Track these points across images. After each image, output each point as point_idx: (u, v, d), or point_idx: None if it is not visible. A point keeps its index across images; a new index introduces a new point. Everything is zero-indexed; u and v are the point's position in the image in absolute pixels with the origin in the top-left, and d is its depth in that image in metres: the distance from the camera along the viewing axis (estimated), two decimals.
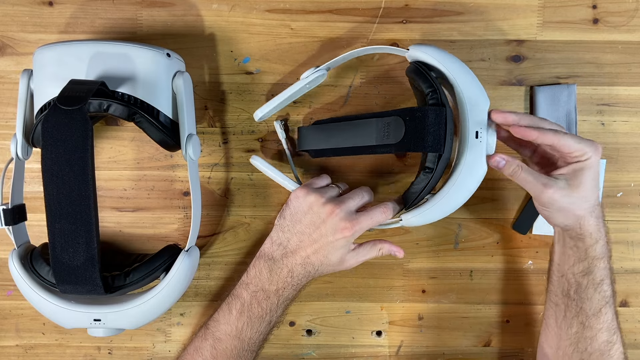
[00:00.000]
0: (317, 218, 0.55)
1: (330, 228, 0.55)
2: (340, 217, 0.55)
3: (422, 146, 0.54)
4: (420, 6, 0.63)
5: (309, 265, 0.56)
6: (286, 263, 0.56)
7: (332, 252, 0.55)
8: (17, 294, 0.65)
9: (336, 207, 0.55)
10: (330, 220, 0.55)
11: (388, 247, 0.59)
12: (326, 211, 0.55)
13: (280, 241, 0.57)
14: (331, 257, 0.56)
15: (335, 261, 0.56)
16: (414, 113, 0.54)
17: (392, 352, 0.68)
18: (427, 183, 0.55)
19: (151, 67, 0.55)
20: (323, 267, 0.56)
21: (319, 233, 0.55)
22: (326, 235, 0.55)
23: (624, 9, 0.63)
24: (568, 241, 0.56)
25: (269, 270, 0.56)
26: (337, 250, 0.56)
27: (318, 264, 0.56)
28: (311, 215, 0.55)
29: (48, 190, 0.50)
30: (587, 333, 0.55)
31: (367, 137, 0.57)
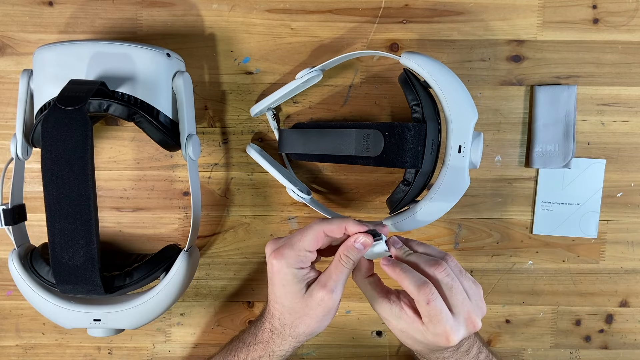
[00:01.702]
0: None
1: (268, 265, 0.50)
2: (269, 246, 0.50)
3: (401, 163, 0.54)
4: (420, 6, 0.63)
5: (275, 320, 0.52)
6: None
7: (279, 290, 0.49)
8: (17, 294, 0.66)
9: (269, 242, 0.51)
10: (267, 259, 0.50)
11: (344, 248, 0.49)
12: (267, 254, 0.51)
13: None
14: (284, 300, 0.49)
15: (290, 302, 0.49)
16: (394, 129, 0.54)
17: (392, 352, 0.68)
18: (405, 195, 0.55)
19: (151, 67, 0.55)
20: (287, 316, 0.51)
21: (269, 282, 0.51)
22: (269, 278, 0.50)
23: (624, 9, 0.63)
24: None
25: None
26: (283, 287, 0.49)
27: (278, 314, 0.51)
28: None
29: (48, 190, 0.50)
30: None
31: (347, 147, 0.57)
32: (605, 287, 0.67)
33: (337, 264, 0.49)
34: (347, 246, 0.49)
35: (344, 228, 0.49)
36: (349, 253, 0.49)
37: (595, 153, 0.65)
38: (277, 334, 0.52)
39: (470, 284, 0.49)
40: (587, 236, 0.66)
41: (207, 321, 0.68)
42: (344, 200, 0.66)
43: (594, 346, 0.68)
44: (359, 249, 0.48)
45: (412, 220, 0.57)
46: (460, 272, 0.49)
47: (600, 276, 0.67)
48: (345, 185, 0.66)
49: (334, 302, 0.49)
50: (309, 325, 0.50)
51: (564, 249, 0.67)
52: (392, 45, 0.63)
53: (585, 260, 0.67)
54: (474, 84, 0.64)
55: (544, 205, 0.66)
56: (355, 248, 0.48)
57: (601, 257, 0.67)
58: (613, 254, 0.67)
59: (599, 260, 0.67)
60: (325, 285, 0.48)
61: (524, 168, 0.66)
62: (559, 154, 0.64)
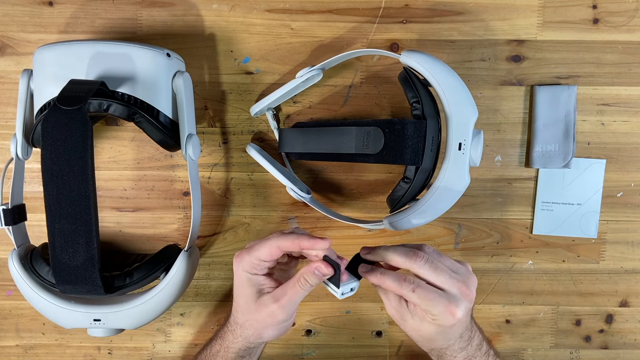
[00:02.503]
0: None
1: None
2: (234, 256, 0.53)
3: (401, 159, 0.54)
4: (420, 6, 0.63)
5: (231, 317, 0.55)
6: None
7: (235, 289, 0.53)
8: (17, 294, 0.66)
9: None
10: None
11: (305, 271, 0.49)
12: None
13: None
14: (239, 299, 0.53)
15: (243, 302, 0.52)
16: (394, 125, 0.54)
17: (392, 352, 0.68)
18: (405, 192, 0.55)
19: (151, 67, 0.55)
20: (240, 315, 0.53)
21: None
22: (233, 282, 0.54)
23: (624, 9, 0.63)
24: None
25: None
26: (238, 288, 0.52)
27: (234, 312, 0.54)
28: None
29: (48, 190, 0.50)
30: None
31: (347, 145, 0.57)
32: (605, 287, 0.67)
33: (295, 284, 0.50)
34: (308, 270, 0.49)
35: (298, 244, 0.49)
36: (308, 277, 0.49)
37: (595, 153, 0.65)
38: (231, 330, 0.56)
39: (451, 262, 0.50)
40: (587, 236, 0.66)
41: (207, 321, 0.68)
42: (344, 199, 0.66)
43: (594, 346, 0.68)
44: (317, 276, 0.49)
45: (412, 218, 0.57)
46: (440, 255, 0.51)
47: (600, 276, 0.67)
48: (345, 185, 0.66)
49: (283, 317, 0.51)
50: (256, 329, 0.53)
51: (564, 249, 0.67)
52: (392, 45, 0.63)
53: (585, 260, 0.67)
54: (474, 84, 0.64)
55: (544, 205, 0.66)
56: (315, 275, 0.49)
57: (601, 257, 0.67)
58: (613, 254, 0.67)
59: (599, 260, 0.67)
60: (278, 300, 0.50)
61: (524, 168, 0.66)
62: (559, 154, 0.64)
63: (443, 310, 0.47)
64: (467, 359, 0.53)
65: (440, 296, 0.48)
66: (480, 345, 0.54)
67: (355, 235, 0.66)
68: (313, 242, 0.49)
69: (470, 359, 0.54)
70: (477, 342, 0.54)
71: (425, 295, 0.47)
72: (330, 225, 0.66)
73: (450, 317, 0.48)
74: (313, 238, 0.49)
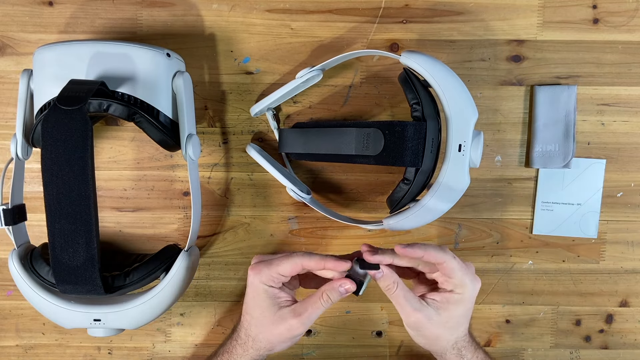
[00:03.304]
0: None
1: (247, 282, 0.54)
2: (254, 259, 0.55)
3: (401, 161, 0.54)
4: (420, 6, 0.63)
5: (242, 330, 0.55)
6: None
7: (250, 301, 0.54)
8: (17, 294, 0.65)
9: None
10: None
11: (329, 288, 0.52)
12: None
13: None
14: (254, 311, 0.53)
15: (259, 315, 0.53)
16: (394, 127, 0.54)
17: (392, 352, 0.68)
18: (405, 194, 0.56)
19: (151, 67, 0.55)
20: (254, 328, 0.54)
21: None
22: (246, 288, 0.55)
23: (624, 9, 0.63)
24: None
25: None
26: (254, 299, 0.53)
27: (246, 325, 0.55)
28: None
29: (48, 190, 0.50)
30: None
31: (347, 146, 0.57)
32: (605, 287, 0.67)
33: (317, 301, 0.52)
34: (332, 287, 0.52)
35: (323, 265, 0.52)
36: (331, 294, 0.52)
37: (595, 153, 0.65)
38: (241, 343, 0.55)
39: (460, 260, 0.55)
40: (587, 236, 0.66)
41: (207, 321, 0.68)
42: (344, 200, 0.66)
43: (594, 346, 0.68)
44: (341, 293, 0.52)
45: (412, 219, 0.57)
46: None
47: (600, 276, 0.67)
48: (345, 185, 0.66)
49: (301, 332, 0.53)
50: (271, 342, 0.54)
51: (564, 249, 0.67)
52: (392, 46, 0.63)
53: (585, 260, 0.67)
54: (474, 84, 0.64)
55: (544, 205, 0.66)
56: (339, 292, 0.52)
57: (601, 257, 0.67)
58: (613, 254, 0.67)
59: (599, 260, 0.67)
60: (300, 315, 0.52)
61: (524, 168, 0.66)
62: (559, 154, 0.64)
63: (472, 278, 0.53)
64: (477, 348, 0.57)
65: (469, 268, 0.54)
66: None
67: (355, 236, 0.66)
68: (338, 264, 0.52)
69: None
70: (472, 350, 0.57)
71: (462, 263, 0.53)
72: (330, 226, 0.66)
73: (477, 284, 0.54)
74: (337, 260, 0.52)
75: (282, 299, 0.54)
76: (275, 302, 0.53)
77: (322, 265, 0.52)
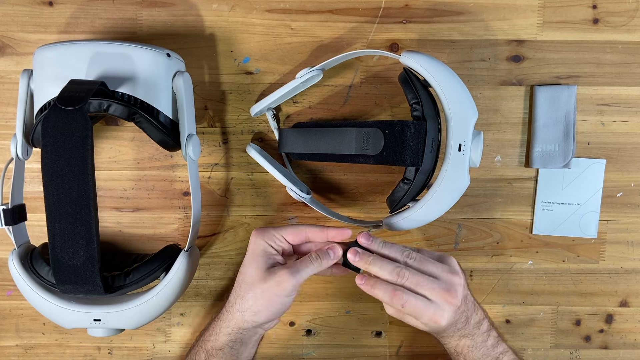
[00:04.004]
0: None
1: (250, 239, 0.56)
2: (254, 230, 0.56)
3: (401, 160, 0.55)
4: (420, 6, 0.63)
5: (232, 294, 0.56)
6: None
7: (247, 258, 0.55)
8: (17, 294, 0.65)
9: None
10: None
11: (319, 249, 0.55)
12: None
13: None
14: (248, 268, 0.55)
15: (251, 271, 0.54)
16: (394, 127, 0.54)
17: (392, 352, 0.68)
18: (405, 193, 0.56)
19: (151, 67, 0.55)
20: (244, 286, 0.54)
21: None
22: (247, 249, 0.56)
23: (624, 9, 0.63)
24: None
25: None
26: (253, 257, 0.54)
27: (237, 286, 0.55)
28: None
29: (48, 190, 0.50)
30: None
31: (347, 146, 0.57)
32: (605, 287, 0.67)
33: (307, 258, 0.54)
34: (321, 249, 0.55)
35: (326, 234, 0.55)
36: (320, 254, 0.54)
37: (595, 153, 0.65)
38: (229, 307, 0.56)
39: (434, 267, 0.53)
40: (587, 236, 0.66)
41: (207, 321, 0.68)
42: (344, 199, 0.66)
43: (594, 346, 0.68)
44: (329, 256, 0.54)
45: (412, 219, 0.57)
46: (422, 261, 0.53)
47: (600, 276, 0.67)
48: (345, 185, 0.66)
49: (289, 287, 0.52)
50: (257, 301, 0.53)
51: (564, 249, 0.67)
52: (392, 46, 0.63)
53: (585, 260, 0.67)
54: (474, 84, 0.64)
55: (544, 205, 0.66)
56: (327, 254, 0.54)
57: (601, 257, 0.67)
58: (613, 254, 0.67)
59: (599, 260, 0.67)
60: (289, 267, 0.53)
61: (524, 168, 0.66)
62: (559, 154, 0.64)
63: (429, 319, 0.52)
64: (464, 336, 0.55)
65: (426, 307, 0.51)
66: (479, 324, 0.56)
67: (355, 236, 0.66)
68: (340, 233, 0.55)
69: (467, 336, 0.55)
70: (475, 320, 0.55)
71: (414, 308, 0.51)
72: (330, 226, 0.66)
73: (437, 325, 0.52)
74: (340, 229, 0.55)
75: (277, 260, 0.55)
76: (270, 261, 0.54)
77: (324, 235, 0.55)
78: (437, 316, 0.52)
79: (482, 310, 0.57)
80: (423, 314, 0.51)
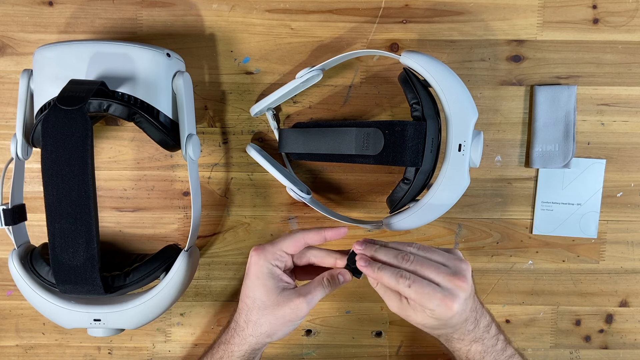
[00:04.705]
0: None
1: (248, 259, 0.54)
2: (253, 247, 0.54)
3: (401, 161, 0.55)
4: (420, 6, 0.63)
5: (241, 317, 0.54)
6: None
7: (253, 282, 0.53)
8: (17, 294, 0.66)
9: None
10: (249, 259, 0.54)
11: (330, 275, 0.54)
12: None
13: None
14: (256, 292, 0.52)
15: (262, 295, 0.52)
16: (394, 127, 0.54)
17: (392, 352, 0.68)
18: (405, 193, 0.56)
19: (151, 67, 0.55)
20: (255, 312, 0.53)
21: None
22: (246, 271, 0.54)
23: (624, 9, 0.63)
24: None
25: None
26: (257, 279, 0.52)
27: (246, 309, 0.54)
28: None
29: (48, 190, 0.50)
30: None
31: (347, 146, 0.57)
32: (605, 287, 0.67)
33: (320, 284, 0.53)
34: (331, 275, 0.54)
35: (323, 236, 0.54)
36: (332, 280, 0.54)
37: (595, 153, 0.65)
38: (239, 331, 0.54)
39: (440, 255, 0.52)
40: (587, 236, 0.66)
41: (207, 321, 0.68)
42: (344, 200, 0.66)
43: (594, 346, 0.68)
44: (340, 281, 0.54)
45: (412, 219, 0.57)
46: (427, 250, 0.52)
47: (600, 276, 0.67)
48: (345, 185, 0.66)
49: (305, 313, 0.52)
50: (273, 325, 0.53)
51: (564, 249, 0.67)
52: (392, 46, 0.63)
53: (585, 260, 0.67)
54: (474, 84, 0.64)
55: (544, 205, 0.66)
56: (338, 279, 0.54)
57: (601, 257, 0.67)
58: (613, 254, 0.67)
59: (599, 260, 0.67)
60: (305, 296, 0.52)
61: (524, 168, 0.66)
62: (559, 154, 0.64)
63: (439, 303, 0.48)
64: (475, 341, 0.53)
65: (435, 290, 0.48)
66: (489, 327, 0.54)
67: (355, 236, 0.66)
68: (337, 232, 0.54)
69: (478, 341, 0.54)
70: (484, 324, 0.54)
71: (421, 290, 0.48)
72: (330, 226, 0.66)
73: (448, 311, 0.48)
74: (335, 228, 0.54)
75: (285, 281, 0.53)
76: (279, 283, 0.53)
77: (322, 237, 0.54)
78: (447, 300, 0.48)
79: (488, 313, 0.55)
80: (432, 297, 0.48)
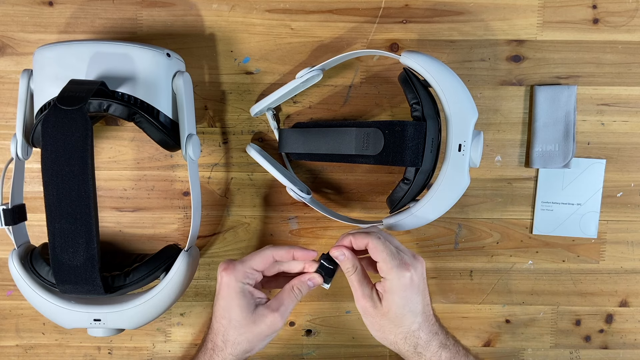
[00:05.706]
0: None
1: (218, 279, 0.54)
2: (221, 264, 0.54)
3: (401, 161, 0.55)
4: (420, 6, 0.63)
5: (217, 337, 0.54)
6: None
7: (226, 303, 0.53)
8: (17, 294, 0.66)
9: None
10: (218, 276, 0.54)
11: (299, 282, 0.55)
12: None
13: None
14: (231, 313, 0.52)
15: (237, 315, 0.52)
16: (394, 127, 0.55)
17: (392, 352, 0.68)
18: (405, 193, 0.56)
19: (151, 67, 0.55)
20: (232, 331, 0.53)
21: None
22: (217, 292, 0.54)
23: (624, 9, 0.63)
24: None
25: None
26: (231, 300, 0.52)
27: (223, 330, 0.53)
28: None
29: (48, 190, 0.50)
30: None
31: (347, 146, 0.57)
32: (605, 287, 0.67)
33: (290, 293, 0.54)
34: (300, 281, 0.55)
35: (292, 254, 0.55)
36: (301, 287, 0.55)
37: (595, 153, 0.65)
38: (218, 351, 0.54)
39: (400, 244, 0.55)
40: (587, 236, 0.66)
41: (207, 321, 0.68)
42: (344, 200, 0.66)
43: (594, 346, 0.68)
44: (309, 286, 0.55)
45: (412, 219, 0.57)
46: (389, 237, 0.55)
47: (600, 276, 0.67)
48: (345, 185, 0.66)
49: (280, 326, 0.53)
50: (251, 343, 0.53)
51: (564, 249, 0.67)
52: (392, 46, 0.63)
53: (585, 260, 0.67)
54: (474, 84, 0.64)
55: (544, 205, 0.66)
56: (307, 285, 0.55)
57: (601, 257, 0.67)
58: (613, 254, 0.67)
59: (599, 260, 0.67)
60: (277, 309, 0.53)
61: (524, 168, 0.66)
62: (559, 154, 0.64)
63: (399, 263, 0.51)
64: (443, 348, 0.54)
65: (398, 253, 0.52)
66: (448, 335, 0.55)
67: None
68: (306, 253, 0.54)
69: (445, 348, 0.54)
70: (445, 332, 0.55)
71: (387, 248, 0.51)
72: (329, 226, 0.66)
73: (406, 271, 0.51)
74: (305, 249, 0.55)
75: (257, 297, 0.54)
76: (252, 300, 0.53)
77: (291, 255, 0.55)
78: (405, 262, 0.51)
79: (445, 330, 0.56)
80: (394, 257, 0.51)
